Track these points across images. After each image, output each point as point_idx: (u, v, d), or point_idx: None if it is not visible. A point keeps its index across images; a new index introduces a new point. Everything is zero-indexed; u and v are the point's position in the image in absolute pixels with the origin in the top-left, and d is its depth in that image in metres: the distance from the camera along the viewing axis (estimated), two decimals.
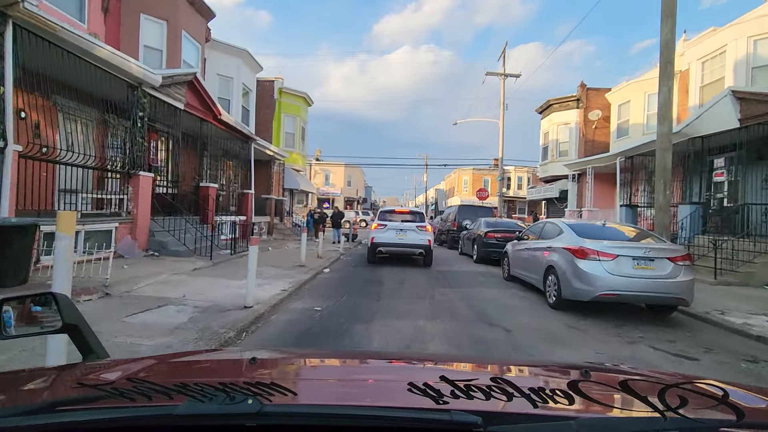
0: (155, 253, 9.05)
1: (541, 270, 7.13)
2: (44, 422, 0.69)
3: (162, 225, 9.58)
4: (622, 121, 18.30)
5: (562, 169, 21.37)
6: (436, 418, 0.70)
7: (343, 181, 50.13)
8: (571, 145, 21.27)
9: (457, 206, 19.48)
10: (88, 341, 1.19)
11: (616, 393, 0.91)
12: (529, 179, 49.85)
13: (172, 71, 9.72)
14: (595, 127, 20.11)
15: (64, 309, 1.16)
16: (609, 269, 5.82)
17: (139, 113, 8.83)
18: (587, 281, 5.89)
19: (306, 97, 22.26)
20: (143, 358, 1.46)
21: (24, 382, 1.08)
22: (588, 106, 20.20)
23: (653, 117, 16.84)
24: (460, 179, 51.00)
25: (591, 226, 7.01)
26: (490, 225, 13.29)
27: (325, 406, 0.82)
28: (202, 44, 14.20)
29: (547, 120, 22.76)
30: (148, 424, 0.71)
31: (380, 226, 12.00)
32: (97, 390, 0.80)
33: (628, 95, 17.73)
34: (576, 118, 20.94)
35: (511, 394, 0.70)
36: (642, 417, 0.77)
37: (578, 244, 6.21)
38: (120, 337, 4.07)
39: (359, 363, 1.50)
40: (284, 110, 21.35)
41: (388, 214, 12.50)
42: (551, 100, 21.93)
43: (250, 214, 15.67)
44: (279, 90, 20.86)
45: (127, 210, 8.79)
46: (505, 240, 12.04)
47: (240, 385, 0.73)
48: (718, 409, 0.70)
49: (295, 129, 21.92)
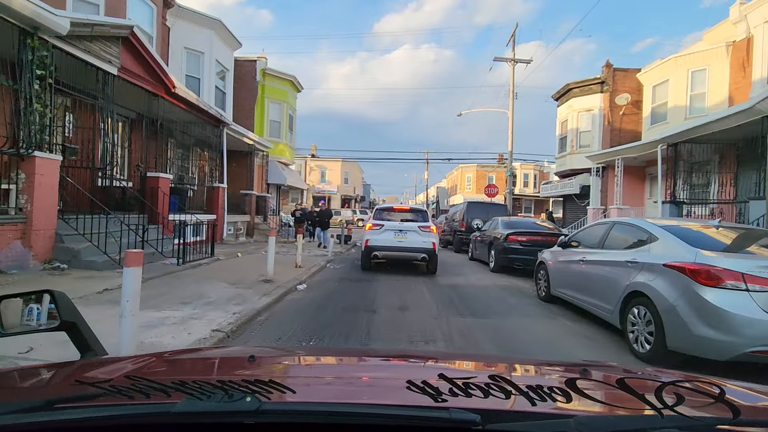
0: (61, 266, 6.56)
1: (614, 297, 4.64)
2: (42, 420, 0.69)
3: (78, 227, 7.08)
4: (659, 104, 15.78)
5: (582, 162, 18.87)
6: (435, 416, 0.70)
7: (340, 178, 47.54)
8: (594, 135, 18.75)
9: (465, 203, 16.98)
10: (86, 339, 1.21)
11: (613, 391, 0.89)
12: (536, 176, 47.56)
13: (89, 17, 7.20)
14: (623, 114, 17.59)
15: (61, 306, 1.18)
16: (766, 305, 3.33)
17: (37, 71, 6.32)
18: (725, 326, 3.39)
19: (294, 80, 19.72)
20: (142, 356, 1.40)
21: (22, 380, 1.08)
22: (615, 89, 17.68)
23: (699, 98, 14.37)
24: (463, 176, 48.49)
25: (698, 230, 4.49)
26: (511, 226, 10.80)
27: (323, 404, 0.82)
28: (158, 5, 11.69)
29: (565, 107, 20.24)
30: (146, 422, 0.70)
31: (376, 227, 9.66)
32: (95, 387, 0.79)
33: (666, 73, 15.21)
34: (600, 104, 18.42)
35: (510, 392, 0.70)
36: (639, 415, 0.74)
37: (698, 260, 3.72)
38: None
39: (358, 361, 1.52)
40: (268, 95, 18.83)
41: (386, 213, 10.12)
42: (571, 83, 19.41)
43: (222, 212, 13.18)
44: (262, 72, 18.33)
45: (17, 206, 6.29)
46: (532, 245, 9.57)
47: (238, 383, 0.72)
48: (714, 406, 0.70)
49: (281, 117, 19.39)
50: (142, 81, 9.01)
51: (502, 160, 46.30)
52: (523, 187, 45.09)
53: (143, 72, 9.03)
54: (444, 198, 55.25)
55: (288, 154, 20.21)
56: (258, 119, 18.47)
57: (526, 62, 24.07)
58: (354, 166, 49.76)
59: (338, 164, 46.90)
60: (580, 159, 19.11)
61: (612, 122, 17.86)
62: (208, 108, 11.58)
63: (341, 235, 16.37)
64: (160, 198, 9.51)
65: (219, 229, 12.96)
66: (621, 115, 17.67)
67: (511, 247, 9.78)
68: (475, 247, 12.94)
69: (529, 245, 9.67)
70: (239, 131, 14.49)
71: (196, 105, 10.95)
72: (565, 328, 5.34)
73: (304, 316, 5.49)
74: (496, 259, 10.36)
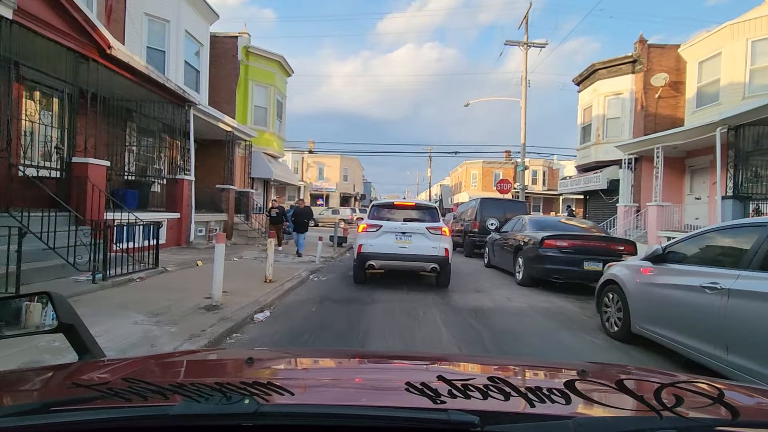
0: None
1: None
2: (38, 423, 0.68)
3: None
4: (707, 83, 13.43)
5: (609, 153, 16.58)
6: (434, 417, 0.69)
7: (339, 175, 45.17)
8: (624, 122, 16.41)
9: (478, 200, 14.66)
10: (84, 341, 1.20)
11: (612, 392, 0.90)
12: (545, 173, 45.28)
13: None
14: (659, 97, 15.26)
15: (59, 308, 1.17)
16: None
17: None
18: None
19: (282, 61, 17.42)
20: (140, 358, 1.41)
21: (18, 383, 1.08)
22: (650, 68, 15.34)
23: (762, 73, 12.02)
24: (468, 173, 46.14)
25: None
26: (544, 227, 8.52)
27: (322, 406, 0.81)
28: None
29: (589, 91, 17.90)
30: (143, 425, 0.70)
31: (372, 228, 7.51)
32: (93, 390, 0.80)
33: (717, 45, 12.86)
34: (631, 86, 16.08)
35: (509, 394, 0.70)
36: (638, 416, 0.75)
37: None
38: None
39: (357, 363, 1.49)
40: (253, 77, 16.55)
41: (385, 210, 7.95)
42: (596, 64, 17.06)
43: (187, 210, 10.92)
44: (244, 50, 16.05)
45: None
46: (575, 252, 7.31)
47: (236, 385, 0.72)
48: (713, 408, 0.70)
49: (267, 102, 17.11)
50: (60, 35, 6.75)
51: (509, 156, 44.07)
52: (532, 185, 42.85)
53: (62, 24, 6.77)
54: (447, 196, 53.03)
55: (276, 144, 17.91)
56: (241, 104, 16.21)
57: (541, 46, 21.87)
58: (354, 163, 47.43)
59: (337, 160, 44.57)
60: (606, 150, 16.80)
61: (646, 107, 15.53)
62: (161, 79, 9.29)
63: (334, 236, 14.11)
64: (90, 191, 7.24)
65: (183, 230, 10.71)
66: (657, 98, 15.34)
67: (548, 254, 7.49)
68: (494, 251, 10.66)
69: (572, 252, 7.39)
70: (212, 114, 12.23)
71: (146, 75, 8.67)
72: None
73: None
74: (526, 269, 8.07)
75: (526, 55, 21.21)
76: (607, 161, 16.92)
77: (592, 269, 7.24)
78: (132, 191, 10.51)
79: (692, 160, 14.67)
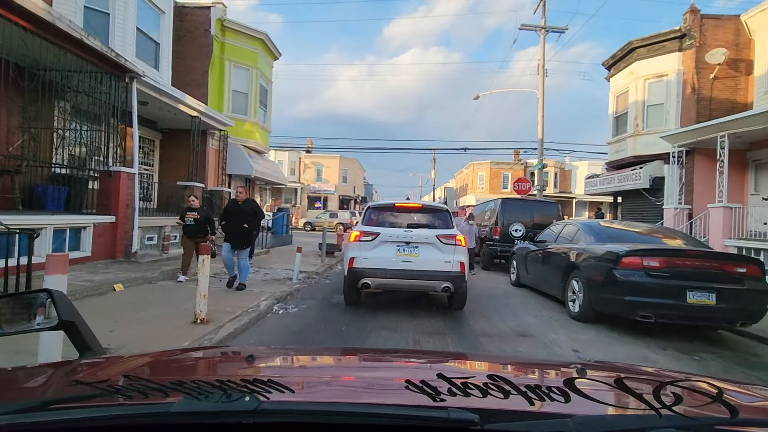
0: None
1: None
2: (38, 420, 0.68)
3: None
4: None
5: (649, 146, 14.02)
6: (433, 415, 0.69)
7: (338, 176, 42.63)
8: (669, 109, 13.81)
9: (499, 201, 12.06)
10: (85, 338, 1.18)
11: (611, 391, 0.91)
12: (557, 174, 42.65)
13: None
14: (714, 78, 12.68)
15: (60, 306, 1.15)
16: None
17: None
18: None
19: (265, 39, 14.93)
20: (140, 355, 1.37)
21: (18, 380, 1.07)
22: (703, 43, 12.76)
23: None
24: (475, 174, 43.56)
25: None
26: (615, 237, 5.94)
27: (322, 404, 0.81)
28: None
29: (624, 75, 15.32)
30: (143, 422, 0.69)
31: (367, 237, 5.73)
32: (93, 387, 0.76)
33: None
34: (677, 66, 13.49)
35: (508, 392, 0.69)
36: (637, 414, 0.73)
37: None
38: None
39: (357, 361, 1.49)
40: (230, 56, 14.07)
41: (384, 214, 6.17)
42: (634, 41, 14.47)
43: (128, 212, 8.41)
44: (219, 23, 13.56)
45: None
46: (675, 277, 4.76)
47: (237, 383, 0.71)
48: (713, 406, 0.69)
49: (248, 87, 14.60)
50: None
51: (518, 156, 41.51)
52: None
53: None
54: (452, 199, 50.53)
55: (259, 136, 15.39)
56: (216, 88, 13.73)
57: (560, 30, 19.54)
58: (354, 164, 44.93)
59: (336, 161, 42.08)
60: (647, 142, 14.21)
61: (699, 89, 12.93)
62: (76, 33, 6.75)
63: (323, 243, 11.58)
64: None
65: (120, 238, 8.18)
66: (712, 79, 12.75)
67: (630, 279, 4.89)
68: (526, 267, 8.09)
69: (667, 276, 4.80)
70: (168, 93, 9.73)
71: (53, 25, 6.16)
72: None
73: None
74: (589, 297, 5.48)
75: (543, 41, 18.87)
76: (647, 156, 14.30)
77: (698, 303, 4.67)
78: (56, 188, 8.03)
79: (757, 152, 12.09)
